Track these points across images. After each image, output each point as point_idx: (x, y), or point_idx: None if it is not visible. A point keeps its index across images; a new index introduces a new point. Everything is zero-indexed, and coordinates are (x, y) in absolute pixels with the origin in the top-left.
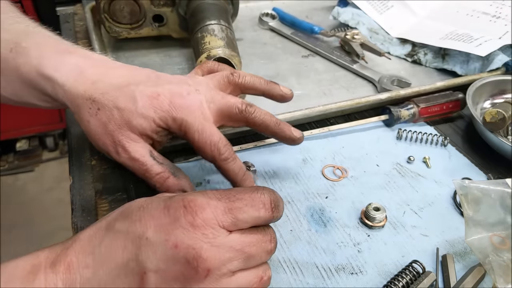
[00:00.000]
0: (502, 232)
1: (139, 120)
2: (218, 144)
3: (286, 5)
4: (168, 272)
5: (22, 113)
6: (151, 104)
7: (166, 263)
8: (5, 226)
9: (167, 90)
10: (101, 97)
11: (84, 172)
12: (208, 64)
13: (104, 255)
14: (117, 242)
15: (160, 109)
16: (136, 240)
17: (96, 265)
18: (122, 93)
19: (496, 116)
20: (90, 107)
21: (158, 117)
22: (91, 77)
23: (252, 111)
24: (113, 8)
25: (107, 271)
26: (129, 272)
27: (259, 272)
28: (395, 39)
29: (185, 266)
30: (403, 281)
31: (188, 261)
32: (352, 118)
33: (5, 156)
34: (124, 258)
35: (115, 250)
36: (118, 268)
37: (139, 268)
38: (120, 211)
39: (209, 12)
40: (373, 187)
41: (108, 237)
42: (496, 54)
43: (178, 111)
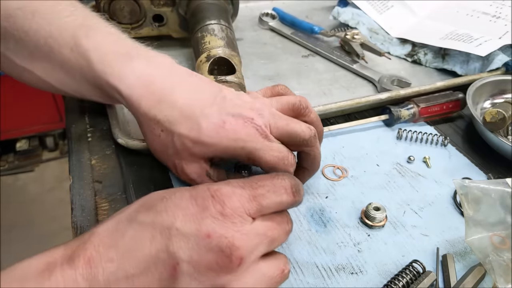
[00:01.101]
0: (502, 232)
1: (202, 148)
2: (289, 157)
3: (286, 5)
4: (201, 261)
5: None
6: (217, 132)
7: (199, 253)
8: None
9: (232, 117)
10: (165, 120)
11: (84, 172)
12: (280, 88)
13: (129, 248)
14: (143, 234)
15: (226, 138)
16: (164, 231)
17: (120, 258)
18: (186, 118)
19: (496, 116)
20: (154, 127)
21: (224, 146)
22: (156, 94)
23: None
24: (113, 8)
25: (135, 264)
26: (160, 263)
27: (280, 264)
28: (395, 39)
29: (218, 255)
30: (403, 280)
31: (221, 250)
32: (352, 118)
33: (5, 156)
34: (153, 249)
35: (141, 242)
36: (147, 260)
37: (171, 259)
38: (140, 204)
39: (209, 12)
40: (373, 187)
41: (131, 229)
42: (496, 54)
43: (246, 139)
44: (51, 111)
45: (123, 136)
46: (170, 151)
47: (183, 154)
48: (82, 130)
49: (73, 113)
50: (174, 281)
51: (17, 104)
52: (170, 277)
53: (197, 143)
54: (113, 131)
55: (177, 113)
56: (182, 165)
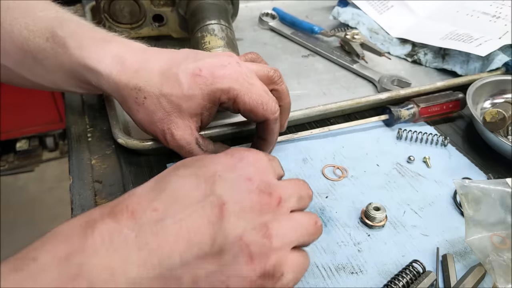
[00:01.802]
0: (502, 232)
1: (188, 102)
2: (269, 103)
3: (286, 5)
4: (245, 202)
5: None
6: (196, 82)
7: (242, 194)
8: (5, 226)
9: (208, 63)
10: (146, 85)
11: (84, 172)
12: (252, 55)
13: (174, 197)
14: (187, 184)
15: (204, 84)
16: (209, 178)
17: (165, 207)
18: (165, 78)
19: (496, 116)
20: (136, 96)
21: (206, 93)
22: (133, 66)
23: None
24: (113, 8)
25: (181, 209)
26: (207, 206)
27: (312, 216)
28: (395, 39)
29: (260, 195)
30: (403, 280)
31: (262, 191)
32: (352, 118)
33: (5, 156)
34: (199, 195)
35: (187, 190)
36: (193, 204)
37: (218, 200)
38: (175, 166)
39: (209, 12)
40: (373, 186)
41: (173, 182)
42: (496, 54)
43: (223, 81)
44: (51, 111)
45: (123, 136)
46: (159, 115)
47: (172, 116)
48: (82, 130)
49: (73, 113)
50: (221, 221)
51: (17, 104)
52: (218, 218)
53: (182, 98)
54: (113, 131)
55: (156, 76)
56: (171, 130)
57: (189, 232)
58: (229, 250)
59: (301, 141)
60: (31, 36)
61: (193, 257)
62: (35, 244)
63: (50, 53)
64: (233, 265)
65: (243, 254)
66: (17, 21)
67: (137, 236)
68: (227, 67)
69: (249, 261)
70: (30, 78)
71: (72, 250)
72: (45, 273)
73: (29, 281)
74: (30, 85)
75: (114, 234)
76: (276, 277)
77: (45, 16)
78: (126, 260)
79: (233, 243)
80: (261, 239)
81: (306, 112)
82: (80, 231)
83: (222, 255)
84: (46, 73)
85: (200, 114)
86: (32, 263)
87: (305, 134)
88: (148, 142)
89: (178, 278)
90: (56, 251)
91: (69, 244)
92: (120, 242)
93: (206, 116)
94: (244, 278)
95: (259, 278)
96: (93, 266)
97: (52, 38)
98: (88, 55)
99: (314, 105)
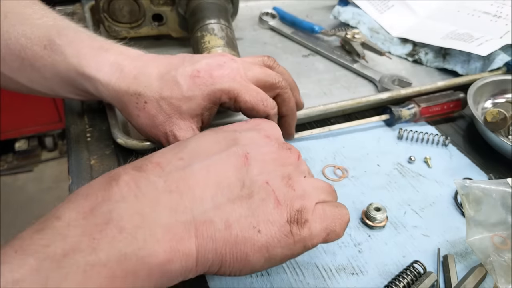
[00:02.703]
0: (503, 232)
1: (188, 104)
2: (268, 99)
3: (286, 5)
4: (267, 154)
5: (21, 113)
6: (195, 83)
7: (264, 148)
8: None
9: (205, 64)
10: (146, 90)
11: (83, 172)
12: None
13: (197, 149)
14: (209, 140)
15: (204, 85)
16: (229, 135)
17: (190, 156)
18: (164, 81)
19: (497, 116)
20: (137, 101)
21: (206, 93)
22: (132, 72)
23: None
24: (112, 7)
25: (206, 157)
26: (232, 154)
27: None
28: (395, 39)
29: (280, 149)
30: (404, 281)
31: (281, 146)
32: (352, 117)
33: (4, 156)
34: (223, 146)
35: (209, 144)
36: (219, 152)
37: (242, 150)
38: None
39: (209, 11)
40: (374, 187)
41: (194, 140)
42: (497, 53)
43: (223, 80)
44: (50, 111)
45: (122, 136)
46: (160, 118)
47: (173, 118)
48: (81, 130)
49: (72, 113)
50: (248, 167)
51: (16, 104)
52: (244, 164)
53: (182, 100)
54: (112, 131)
55: (155, 81)
56: (174, 132)
57: (218, 176)
58: (257, 193)
59: (301, 141)
60: (28, 44)
61: (224, 200)
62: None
63: (47, 61)
64: (263, 208)
65: (270, 198)
66: (14, 28)
67: (166, 181)
68: (224, 67)
69: (277, 205)
70: (27, 85)
71: (96, 203)
72: (72, 228)
73: (57, 238)
74: (26, 91)
75: (141, 182)
76: (301, 223)
77: (43, 24)
78: (157, 205)
79: (260, 187)
80: (285, 187)
81: (306, 112)
82: (103, 185)
83: (251, 198)
84: (44, 80)
85: (200, 114)
86: (56, 221)
87: (306, 134)
88: (147, 142)
89: (211, 222)
90: (80, 208)
91: (92, 199)
92: (149, 188)
93: (207, 116)
94: (273, 222)
95: (287, 223)
96: (122, 212)
97: (49, 46)
98: (86, 63)
99: (314, 105)
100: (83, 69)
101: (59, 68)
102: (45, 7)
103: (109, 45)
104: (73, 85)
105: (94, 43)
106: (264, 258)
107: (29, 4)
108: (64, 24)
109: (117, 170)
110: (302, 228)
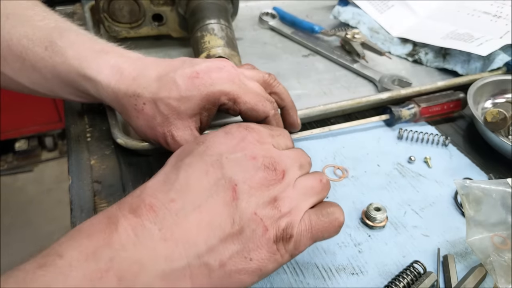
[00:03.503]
0: (503, 232)
1: (186, 104)
2: (268, 99)
3: (286, 5)
4: (253, 179)
5: (21, 113)
6: (193, 83)
7: (250, 173)
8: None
9: (204, 66)
10: (145, 91)
11: (83, 172)
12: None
13: (187, 186)
14: (196, 171)
15: (203, 85)
16: (215, 163)
17: (181, 196)
18: (163, 82)
19: (497, 116)
20: (135, 103)
21: (204, 94)
22: (131, 74)
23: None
24: (112, 7)
25: (197, 196)
26: (220, 189)
27: (316, 176)
28: (395, 39)
29: (266, 171)
30: (404, 281)
31: (267, 167)
32: (352, 117)
33: (4, 156)
34: (211, 180)
35: (197, 178)
36: (207, 189)
37: (230, 182)
38: (177, 154)
39: (208, 11)
40: (373, 187)
41: (183, 171)
42: (497, 53)
43: (222, 81)
44: (50, 111)
45: (122, 136)
46: (158, 120)
47: (171, 118)
48: (81, 130)
49: (72, 113)
50: (236, 201)
51: (16, 104)
52: (232, 199)
53: (180, 100)
54: (113, 131)
55: (153, 82)
56: (172, 132)
57: (210, 216)
58: (248, 226)
59: (301, 141)
60: (30, 45)
61: (217, 240)
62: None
63: (48, 62)
64: (253, 239)
65: (259, 227)
66: (16, 29)
67: (160, 229)
68: (223, 70)
69: (265, 232)
70: (28, 85)
71: (98, 245)
72: (74, 269)
73: (59, 278)
74: (27, 91)
75: (138, 229)
76: (286, 239)
77: (44, 25)
78: (154, 253)
79: (249, 220)
80: (271, 210)
81: (306, 112)
82: (104, 227)
83: (242, 233)
84: (44, 81)
85: (199, 114)
86: (58, 260)
87: (306, 134)
88: (148, 142)
89: (206, 265)
90: (82, 248)
91: (95, 240)
92: (145, 236)
93: (205, 117)
94: (262, 246)
95: (274, 243)
96: (123, 260)
97: (51, 47)
98: (87, 65)
99: (314, 105)
100: (84, 71)
101: (60, 70)
102: (46, 8)
103: (110, 48)
104: (74, 87)
105: (95, 45)
106: (258, 277)
107: (31, 6)
108: (65, 26)
109: (115, 211)
110: (287, 243)
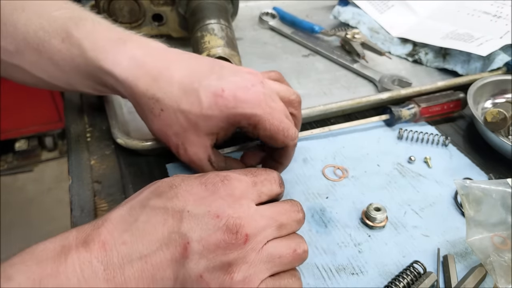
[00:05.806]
0: (503, 232)
1: (206, 122)
2: (290, 129)
3: (286, 5)
4: (210, 240)
5: (21, 113)
6: (216, 103)
7: (208, 232)
8: (4, 226)
9: (231, 83)
10: (165, 97)
11: (83, 172)
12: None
13: (143, 231)
14: (156, 218)
15: (226, 107)
16: (176, 214)
17: (134, 241)
18: (185, 93)
19: (497, 116)
20: (153, 107)
21: (225, 115)
22: (152, 72)
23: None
24: (112, 7)
25: (148, 245)
26: (171, 244)
27: (291, 244)
28: (395, 39)
29: (226, 234)
30: (404, 281)
31: (229, 229)
32: (352, 117)
33: (4, 156)
34: (165, 231)
35: (154, 225)
36: (160, 240)
37: (182, 239)
38: (150, 191)
39: (209, 11)
40: (373, 187)
41: (144, 214)
42: (497, 53)
43: (246, 105)
44: (50, 111)
45: (122, 136)
46: (174, 129)
47: (188, 132)
48: (81, 130)
49: (72, 113)
50: (185, 260)
51: (16, 104)
52: (181, 256)
53: (200, 117)
54: (113, 131)
55: (176, 89)
56: (185, 146)
57: (154, 268)
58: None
59: (301, 141)
60: (46, 37)
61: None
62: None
63: (66, 54)
64: None
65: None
66: (31, 21)
67: (105, 269)
68: (251, 90)
69: None
70: (45, 79)
71: (46, 274)
72: None
73: None
74: (43, 85)
75: (85, 265)
76: None
77: (60, 16)
78: None
79: (194, 281)
80: (222, 275)
81: (306, 112)
82: (54, 255)
83: None
84: (62, 74)
85: (216, 133)
86: (7, 282)
87: (306, 134)
88: (148, 142)
89: None
90: (30, 274)
91: (43, 268)
92: (90, 273)
93: (222, 135)
94: None
95: None
96: None
97: (68, 39)
98: (104, 57)
99: (314, 105)
100: (101, 62)
101: (77, 62)
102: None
103: (127, 36)
104: (92, 79)
105: (112, 34)
106: None
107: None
108: (82, 15)
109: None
110: None
